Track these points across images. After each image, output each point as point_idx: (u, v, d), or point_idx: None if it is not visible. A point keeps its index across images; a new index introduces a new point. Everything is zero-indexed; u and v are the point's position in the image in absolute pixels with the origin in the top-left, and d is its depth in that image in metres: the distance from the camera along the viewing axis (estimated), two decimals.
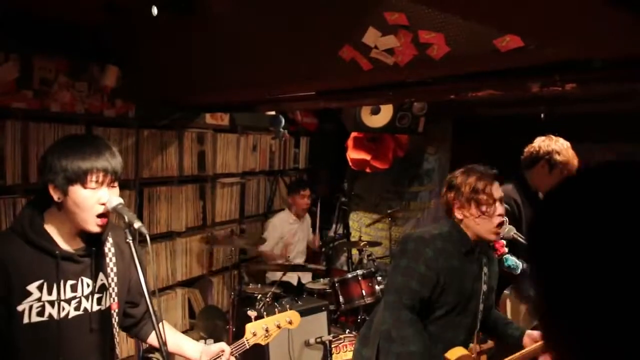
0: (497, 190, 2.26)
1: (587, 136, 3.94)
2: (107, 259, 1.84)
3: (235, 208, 5.27)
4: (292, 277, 4.90)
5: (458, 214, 2.29)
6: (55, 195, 1.67)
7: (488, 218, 2.22)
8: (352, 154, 5.62)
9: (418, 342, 2.12)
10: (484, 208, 2.21)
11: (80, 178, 1.65)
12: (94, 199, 1.68)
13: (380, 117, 4.62)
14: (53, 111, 3.45)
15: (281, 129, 3.74)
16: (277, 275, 4.95)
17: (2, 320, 1.64)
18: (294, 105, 4.01)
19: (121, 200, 1.73)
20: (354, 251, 5.83)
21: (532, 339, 2.37)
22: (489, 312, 2.47)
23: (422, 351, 2.12)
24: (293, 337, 3.38)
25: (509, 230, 2.33)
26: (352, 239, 5.56)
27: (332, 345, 3.64)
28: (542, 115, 4.38)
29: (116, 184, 1.75)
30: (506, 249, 2.78)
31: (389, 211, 4.77)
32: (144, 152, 4.14)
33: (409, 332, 2.13)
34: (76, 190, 1.66)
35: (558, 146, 3.06)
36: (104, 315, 1.85)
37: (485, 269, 2.35)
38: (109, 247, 1.86)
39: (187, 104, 4.03)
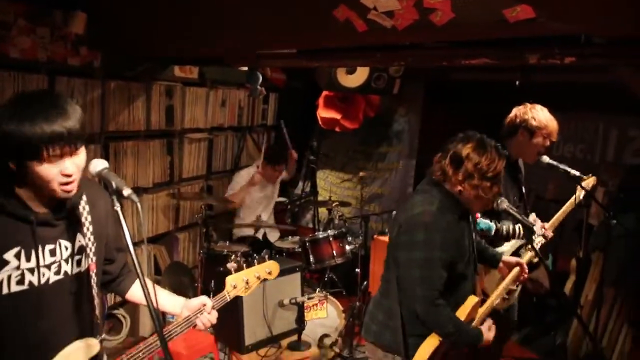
0: (502, 174, 2.22)
1: (560, 105, 4.00)
2: (83, 219, 1.73)
3: (202, 164, 5.14)
4: (258, 234, 4.85)
5: (456, 186, 2.23)
6: (13, 167, 1.50)
7: (484, 201, 2.23)
8: (323, 113, 5.53)
9: (452, 323, 2.21)
10: (484, 192, 2.19)
11: (34, 153, 1.44)
12: (56, 170, 1.50)
13: (355, 77, 4.54)
14: (12, 57, 3.20)
15: (258, 87, 3.62)
16: (244, 231, 4.89)
17: None
18: (272, 62, 3.87)
19: (106, 165, 1.59)
20: (322, 210, 5.83)
21: (507, 265, 2.53)
22: None
23: (457, 323, 2.22)
24: (267, 298, 3.37)
25: (502, 202, 2.34)
26: (321, 198, 5.54)
27: (305, 305, 3.65)
28: (517, 83, 4.41)
29: (80, 150, 1.55)
30: (478, 214, 2.82)
31: (361, 174, 4.74)
32: (111, 105, 3.94)
33: (444, 321, 2.20)
34: (33, 166, 1.47)
35: (534, 112, 3.08)
36: (84, 276, 1.76)
37: (470, 218, 2.40)
38: (83, 206, 1.73)
39: (158, 55, 3.83)
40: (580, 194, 3.04)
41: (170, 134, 4.65)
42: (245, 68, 4.42)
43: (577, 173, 2.95)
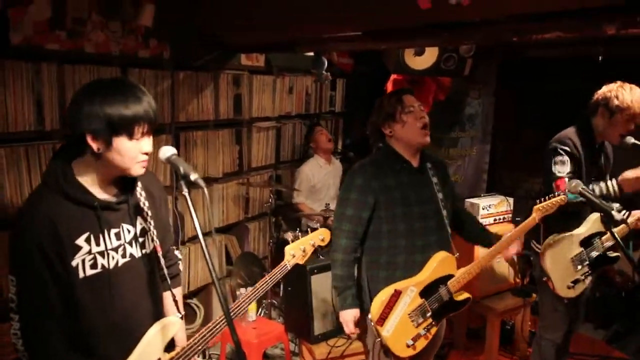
0: (409, 99, 2.51)
1: None
2: (141, 204, 1.81)
3: (270, 153, 5.16)
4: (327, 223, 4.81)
5: (387, 132, 2.54)
6: (95, 146, 1.58)
7: (411, 124, 2.47)
8: None
9: (342, 268, 2.50)
10: (403, 117, 2.47)
11: (127, 129, 1.57)
12: (137, 148, 1.62)
13: (424, 59, 4.38)
14: (88, 52, 3.33)
15: (324, 72, 3.57)
16: (313, 223, 4.87)
17: (62, 278, 1.61)
18: (338, 46, 3.80)
19: (174, 151, 1.68)
20: None
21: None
22: (457, 214, 2.78)
23: (344, 275, 2.51)
24: None
25: (576, 185, 2.17)
26: None
27: None
28: (600, 58, 4.09)
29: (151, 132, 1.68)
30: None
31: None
32: (180, 95, 4.02)
33: (338, 257, 2.51)
34: (121, 141, 1.58)
35: (619, 91, 2.83)
36: (150, 258, 1.84)
37: (434, 179, 2.60)
38: (140, 192, 1.82)
39: (224, 43, 3.86)
40: None
41: (238, 123, 4.70)
42: (312, 54, 4.40)
43: None
